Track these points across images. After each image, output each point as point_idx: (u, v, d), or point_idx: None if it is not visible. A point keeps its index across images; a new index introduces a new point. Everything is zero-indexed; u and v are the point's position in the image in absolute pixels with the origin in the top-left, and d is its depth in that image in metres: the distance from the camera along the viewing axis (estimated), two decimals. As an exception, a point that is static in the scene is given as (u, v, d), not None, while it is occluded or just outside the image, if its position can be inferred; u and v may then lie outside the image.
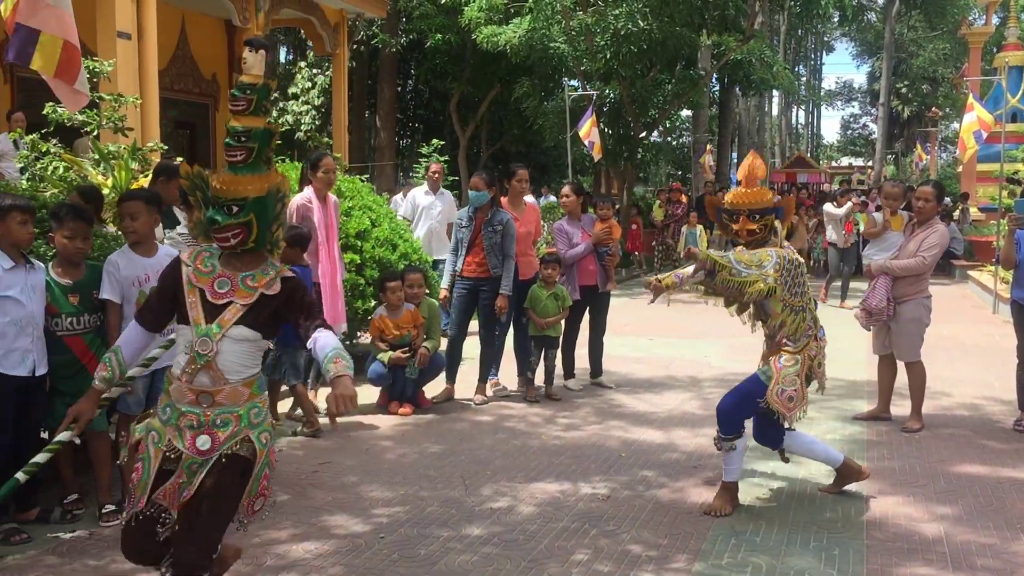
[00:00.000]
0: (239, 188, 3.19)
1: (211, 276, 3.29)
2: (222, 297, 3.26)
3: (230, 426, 3.25)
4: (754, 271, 4.65)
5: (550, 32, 18.45)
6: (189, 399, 3.23)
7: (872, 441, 6.38)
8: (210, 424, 3.23)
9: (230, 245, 3.24)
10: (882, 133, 40.35)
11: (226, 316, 3.24)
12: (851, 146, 63.23)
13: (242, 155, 3.22)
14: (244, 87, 3.25)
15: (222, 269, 3.30)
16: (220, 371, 3.23)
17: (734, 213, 4.92)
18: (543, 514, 4.88)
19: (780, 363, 4.82)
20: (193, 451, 3.22)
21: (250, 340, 3.27)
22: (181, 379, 3.24)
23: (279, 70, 27.71)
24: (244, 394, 3.28)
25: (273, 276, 3.32)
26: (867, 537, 4.59)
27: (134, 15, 10.20)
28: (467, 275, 7.34)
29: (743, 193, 4.93)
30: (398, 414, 7.02)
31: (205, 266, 3.31)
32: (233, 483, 3.28)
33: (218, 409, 3.23)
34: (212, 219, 3.20)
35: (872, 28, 47.39)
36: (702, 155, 25.14)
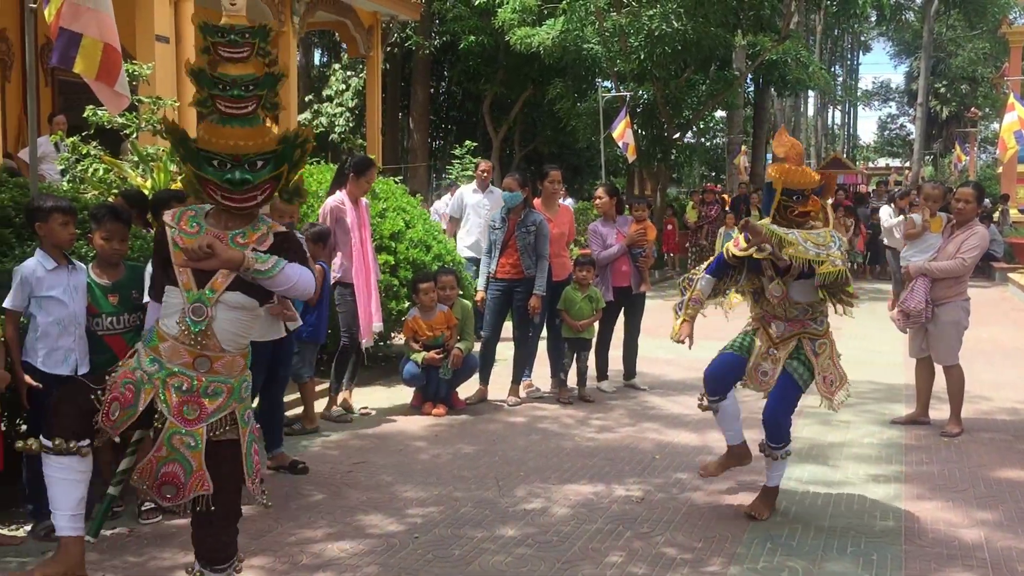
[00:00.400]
0: (263, 141, 2.96)
1: (197, 236, 3.05)
2: None
3: (220, 396, 3.08)
4: (823, 251, 4.49)
5: (583, 33, 18.43)
6: (184, 360, 3.04)
7: (911, 445, 6.30)
8: (201, 392, 3.04)
9: (255, 204, 3.05)
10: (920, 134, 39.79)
11: (218, 279, 3.06)
12: (888, 147, 62.54)
13: (252, 106, 2.96)
14: (241, 31, 2.96)
15: (209, 228, 3.09)
16: (217, 340, 3.05)
17: (798, 194, 4.60)
18: (577, 516, 4.87)
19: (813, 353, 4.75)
20: (179, 419, 3.04)
21: (246, 308, 3.10)
22: (178, 338, 3.06)
23: (313, 72, 27.94)
24: (239, 365, 3.13)
25: (264, 231, 3.10)
26: (905, 542, 4.53)
27: (172, 19, 10.36)
28: (501, 276, 7.35)
29: (801, 172, 4.61)
30: (432, 415, 7.04)
31: (191, 226, 3.09)
32: (231, 471, 3.14)
33: (212, 376, 3.06)
34: (242, 179, 2.95)
35: (910, 27, 46.81)
36: (736, 156, 24.99)
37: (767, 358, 4.79)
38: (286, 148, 3.01)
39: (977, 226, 6.67)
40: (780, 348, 4.78)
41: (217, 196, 3.02)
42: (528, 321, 7.42)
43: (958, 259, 6.50)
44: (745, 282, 4.94)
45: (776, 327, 4.79)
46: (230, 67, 2.92)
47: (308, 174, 8.73)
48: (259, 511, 4.89)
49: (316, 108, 24.76)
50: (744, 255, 4.73)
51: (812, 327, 4.77)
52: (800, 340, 4.77)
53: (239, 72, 2.91)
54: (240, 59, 2.94)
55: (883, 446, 6.28)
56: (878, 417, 7.05)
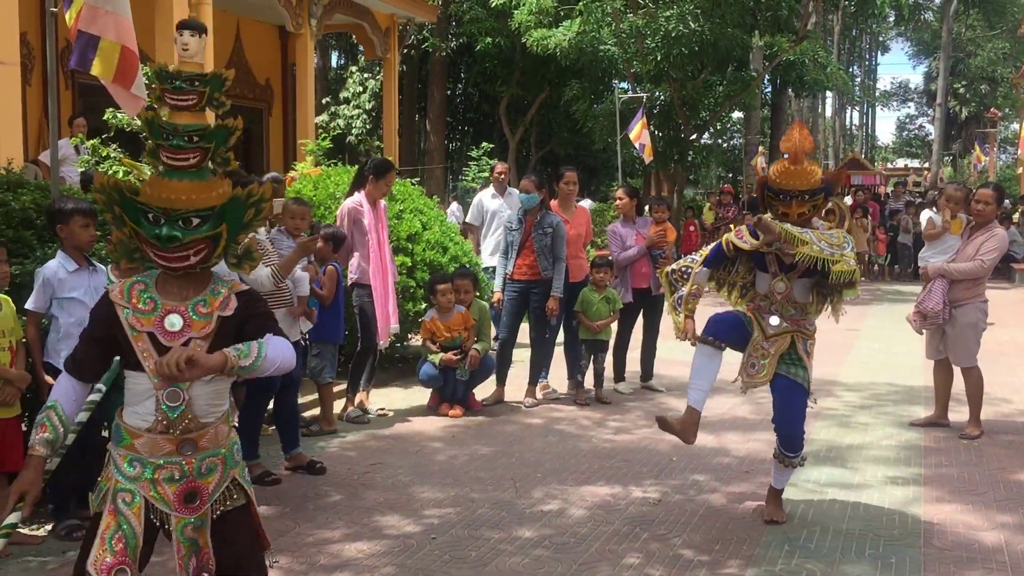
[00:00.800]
0: (203, 196, 2.67)
1: (155, 314, 2.75)
2: (177, 337, 2.73)
3: (216, 472, 2.81)
4: (836, 251, 4.39)
5: (600, 35, 18.41)
6: (167, 450, 2.75)
7: (929, 448, 6.27)
8: (195, 474, 2.77)
9: (188, 264, 2.71)
10: (939, 134, 39.58)
11: None
12: (907, 147, 62.12)
13: (195, 158, 2.70)
14: (191, 78, 2.74)
15: (165, 301, 2.77)
16: (197, 417, 2.78)
17: (784, 194, 4.46)
18: (594, 517, 4.87)
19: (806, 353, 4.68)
20: (182, 510, 2.76)
21: (222, 377, 2.76)
22: (154, 430, 2.75)
23: (330, 75, 28.05)
24: (224, 431, 2.85)
25: (226, 294, 2.80)
26: (924, 545, 4.51)
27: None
28: (518, 278, 7.35)
29: (792, 172, 4.45)
30: (448, 416, 7.05)
31: (144, 303, 2.76)
32: (250, 535, 2.90)
33: (201, 454, 2.78)
34: (171, 236, 2.64)
35: (929, 27, 46.54)
36: (754, 157, 24.89)
37: (758, 351, 4.67)
38: (231, 207, 2.72)
39: (996, 228, 6.63)
40: (772, 344, 4.66)
41: (150, 253, 2.73)
42: (545, 322, 7.42)
43: (977, 260, 6.46)
44: (737, 275, 4.91)
45: (772, 321, 4.67)
46: (178, 116, 2.71)
47: (326, 175, 8.78)
48: (276, 511, 4.92)
49: (333, 110, 24.86)
50: (751, 249, 4.63)
51: (805, 326, 4.69)
52: (793, 338, 4.66)
53: (185, 121, 2.70)
54: (186, 107, 2.71)
55: (901, 448, 6.24)
56: (896, 419, 7.01)
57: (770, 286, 4.65)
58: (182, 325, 2.73)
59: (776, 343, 4.66)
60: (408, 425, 6.84)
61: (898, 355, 9.54)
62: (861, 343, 10.58)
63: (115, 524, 2.73)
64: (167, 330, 2.72)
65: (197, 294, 2.78)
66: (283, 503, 5.06)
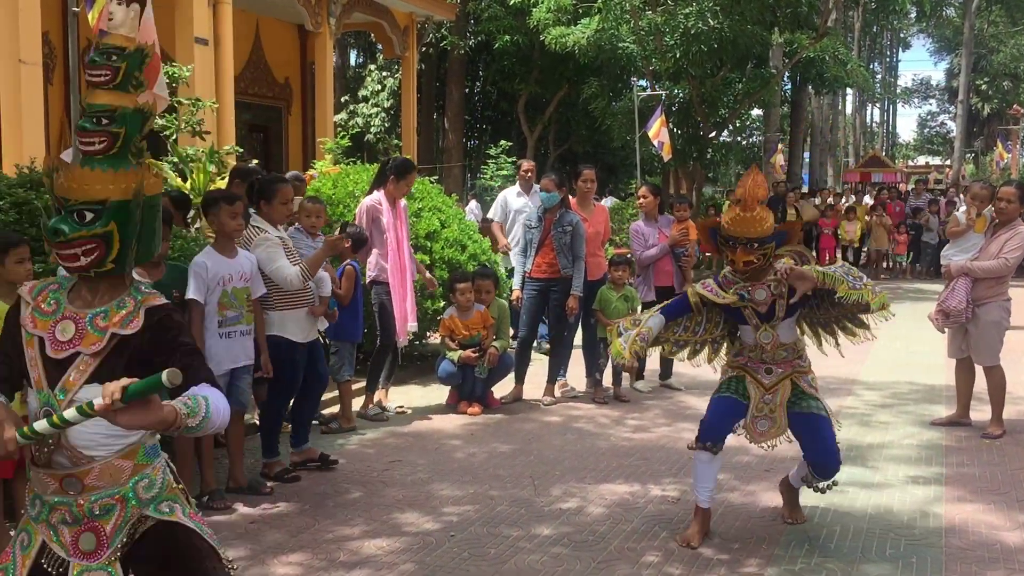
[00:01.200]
0: (95, 187, 2.35)
1: (53, 318, 2.40)
2: (64, 348, 2.37)
3: (114, 513, 2.41)
4: (858, 282, 4.31)
5: (619, 32, 18.38)
6: (53, 487, 2.39)
7: (951, 447, 6.22)
8: (87, 515, 2.38)
9: (78, 266, 2.36)
10: (961, 131, 39.22)
11: (71, 376, 2.36)
12: (928, 145, 61.67)
13: (103, 143, 2.37)
14: (107, 51, 2.41)
15: (68, 307, 2.42)
16: (76, 449, 2.37)
17: (732, 240, 4.27)
18: (613, 515, 4.87)
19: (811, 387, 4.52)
20: (78, 556, 2.39)
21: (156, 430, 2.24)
22: (36, 461, 2.41)
23: (349, 73, 28.13)
24: (125, 469, 2.42)
25: (132, 308, 2.40)
26: (946, 545, 4.48)
27: (211, 21, 10.47)
28: (537, 276, 7.36)
29: (743, 219, 4.23)
30: (467, 413, 7.06)
31: (48, 304, 2.43)
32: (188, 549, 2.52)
33: (93, 495, 2.38)
34: (55, 229, 2.33)
35: (951, 24, 46.17)
36: (773, 155, 24.76)
37: (763, 408, 4.46)
38: (122, 202, 2.36)
39: (1020, 226, 6.56)
40: (773, 394, 4.45)
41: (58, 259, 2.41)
42: (564, 321, 7.42)
43: (1000, 259, 6.41)
44: (707, 332, 4.65)
45: (766, 373, 4.47)
46: (95, 95, 2.40)
47: (345, 174, 8.81)
48: (296, 508, 4.95)
49: (352, 108, 24.92)
50: (724, 303, 4.42)
51: (799, 364, 4.51)
52: (792, 381, 4.48)
53: (94, 100, 2.38)
54: (100, 83, 2.39)
55: (923, 448, 6.20)
56: (918, 418, 6.96)
57: (756, 339, 4.44)
58: (72, 335, 2.37)
59: (778, 392, 4.45)
60: (427, 423, 6.85)
61: (919, 354, 9.47)
62: (882, 342, 10.42)
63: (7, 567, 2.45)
64: (56, 338, 2.37)
65: (103, 303, 2.42)
66: (302, 500, 5.09)
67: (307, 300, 5.52)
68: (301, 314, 5.48)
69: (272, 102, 15.78)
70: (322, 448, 5.87)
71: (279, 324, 5.39)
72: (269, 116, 15.92)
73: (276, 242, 5.34)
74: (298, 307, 5.45)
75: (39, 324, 2.40)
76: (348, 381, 6.65)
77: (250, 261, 5.15)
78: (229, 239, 5.05)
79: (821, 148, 35.27)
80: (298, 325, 5.46)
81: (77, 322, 2.38)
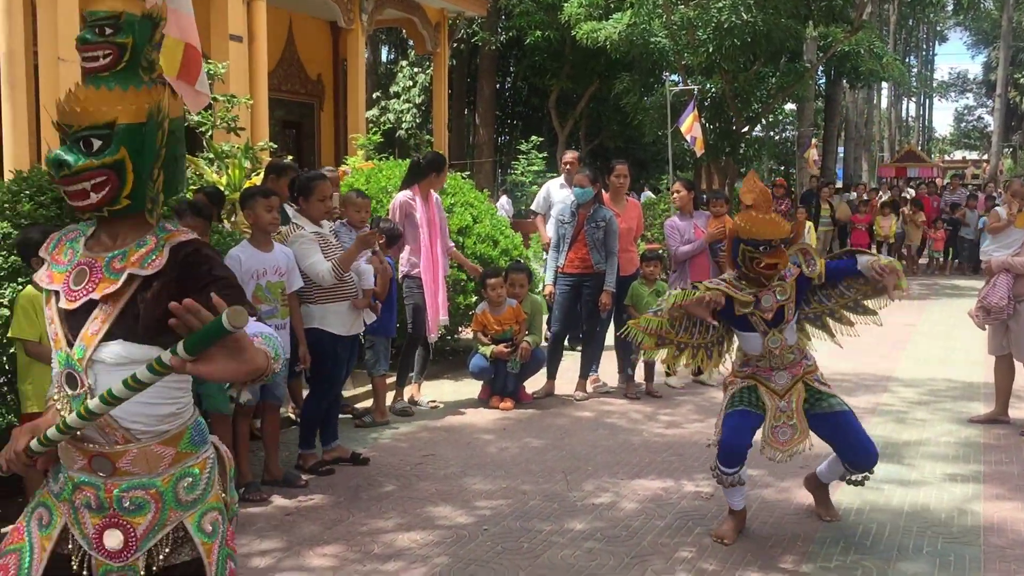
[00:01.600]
0: (101, 109, 2.00)
1: (68, 268, 2.11)
2: (77, 296, 2.05)
3: (148, 511, 2.08)
4: None
5: (651, 27, 18.28)
6: (80, 463, 2.08)
7: (989, 445, 6.14)
8: (115, 506, 2.06)
9: (89, 204, 2.04)
10: (998, 125, 38.62)
11: (89, 329, 2.03)
12: (965, 139, 60.86)
13: (108, 56, 2.02)
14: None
15: (85, 253, 2.11)
16: (115, 423, 2.05)
17: (765, 245, 4.15)
18: (646, 511, 4.86)
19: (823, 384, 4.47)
20: (102, 552, 2.08)
21: (144, 361, 1.87)
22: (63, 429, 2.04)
23: (380, 69, 28.24)
24: (165, 456, 2.09)
25: (152, 245, 2.07)
26: (984, 543, 4.42)
27: (245, 18, 10.55)
28: (570, 271, 7.35)
29: (767, 221, 4.18)
30: (499, 408, 7.08)
31: (65, 254, 2.14)
32: None
33: (124, 482, 2.06)
34: (58, 161, 2.00)
35: (988, 16, 45.46)
36: (807, 150, 24.54)
37: (781, 417, 4.37)
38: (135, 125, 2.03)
39: (1062, 220, 6.47)
40: (788, 400, 4.38)
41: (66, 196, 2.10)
42: (596, 316, 7.41)
43: (1041, 254, 6.32)
44: (701, 336, 4.52)
45: (778, 379, 4.40)
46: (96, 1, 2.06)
47: (377, 170, 8.85)
48: (331, 501, 4.99)
49: (383, 105, 25.02)
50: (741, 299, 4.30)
51: (807, 364, 4.46)
52: (804, 382, 4.41)
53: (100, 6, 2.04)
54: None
55: (961, 445, 6.12)
56: (955, 415, 6.88)
57: (765, 346, 4.36)
58: (87, 280, 2.05)
59: (792, 397, 4.39)
60: (459, 417, 6.87)
61: (956, 350, 9.36)
62: (918, 338, 10.39)
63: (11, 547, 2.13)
64: (71, 288, 2.07)
65: (123, 245, 2.09)
66: (337, 493, 5.13)
67: (349, 294, 5.56)
68: (343, 307, 5.53)
69: (305, 98, 15.88)
70: (355, 442, 5.91)
71: (320, 318, 5.44)
72: (302, 112, 16.02)
73: (311, 238, 5.38)
74: (340, 301, 5.50)
75: (55, 278, 2.10)
76: (383, 375, 6.68)
77: (286, 255, 5.20)
78: (265, 233, 5.10)
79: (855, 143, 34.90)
80: (340, 318, 5.51)
81: (92, 267, 2.06)
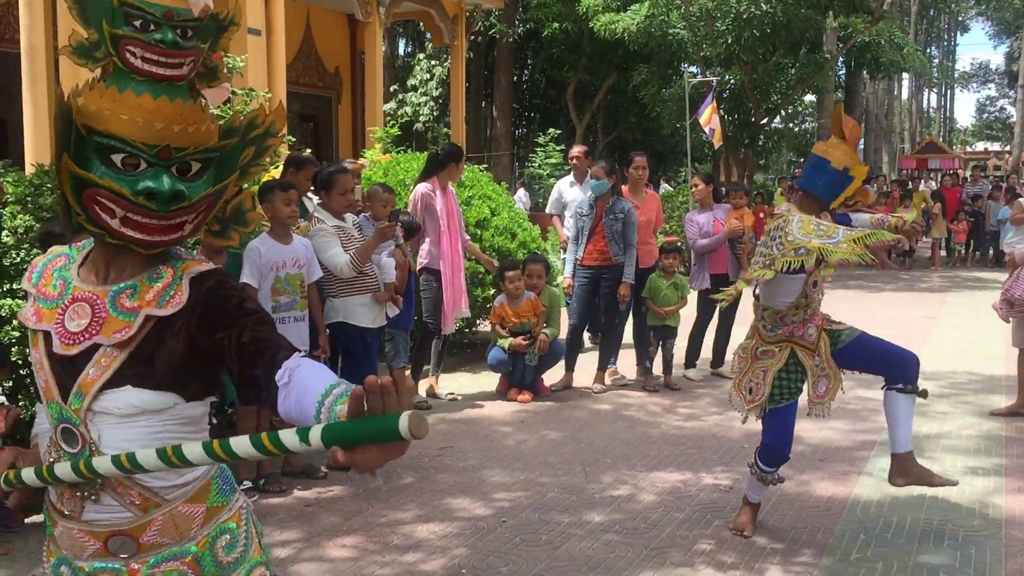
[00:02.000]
0: (203, 130, 1.71)
1: (60, 304, 1.74)
2: (77, 340, 1.70)
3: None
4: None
5: (669, 18, 18.23)
6: (91, 549, 1.72)
7: (1011, 438, 6.09)
8: None
9: (178, 238, 1.73)
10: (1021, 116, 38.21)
11: (89, 373, 1.68)
12: (987, 130, 60.34)
13: (189, 65, 1.72)
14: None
15: (79, 285, 1.75)
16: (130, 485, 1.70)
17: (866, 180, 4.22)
18: (664, 503, 4.85)
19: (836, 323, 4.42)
20: None
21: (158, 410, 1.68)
22: (64, 509, 1.72)
23: (398, 62, 28.26)
24: (195, 516, 1.76)
25: (170, 279, 1.73)
26: (1006, 537, 4.39)
27: (264, 12, 10.59)
28: (588, 264, 7.33)
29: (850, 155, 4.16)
30: (517, 401, 7.08)
31: (54, 286, 1.77)
32: None
33: (152, 556, 1.72)
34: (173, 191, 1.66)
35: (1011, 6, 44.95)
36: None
37: (816, 371, 4.27)
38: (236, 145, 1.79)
39: (1085, 211, 6.40)
40: (818, 354, 4.27)
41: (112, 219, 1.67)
42: (615, 308, 7.39)
43: (1063, 245, 6.26)
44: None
45: (808, 333, 4.26)
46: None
47: (395, 163, 8.86)
48: (350, 492, 5.01)
49: (401, 98, 25.06)
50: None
51: (821, 312, 4.36)
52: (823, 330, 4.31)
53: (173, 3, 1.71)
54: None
55: (982, 438, 6.08)
56: (976, 408, 6.83)
57: (807, 287, 4.17)
58: (88, 320, 1.70)
59: (821, 347, 4.28)
60: (477, 410, 6.89)
61: (978, 343, 9.28)
62: (939, 330, 10.32)
63: None
64: (66, 328, 1.71)
65: (131, 276, 1.74)
66: (356, 484, 5.15)
67: (370, 287, 5.59)
68: (366, 300, 5.57)
69: (322, 91, 15.93)
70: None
71: (344, 311, 5.50)
72: (319, 105, 16.07)
73: (330, 231, 5.42)
74: (362, 294, 5.55)
75: (44, 315, 1.75)
76: (402, 368, 6.70)
77: (305, 247, 5.23)
78: (284, 226, 5.13)
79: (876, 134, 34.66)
80: (363, 311, 5.56)
81: (93, 303, 1.72)
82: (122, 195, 1.64)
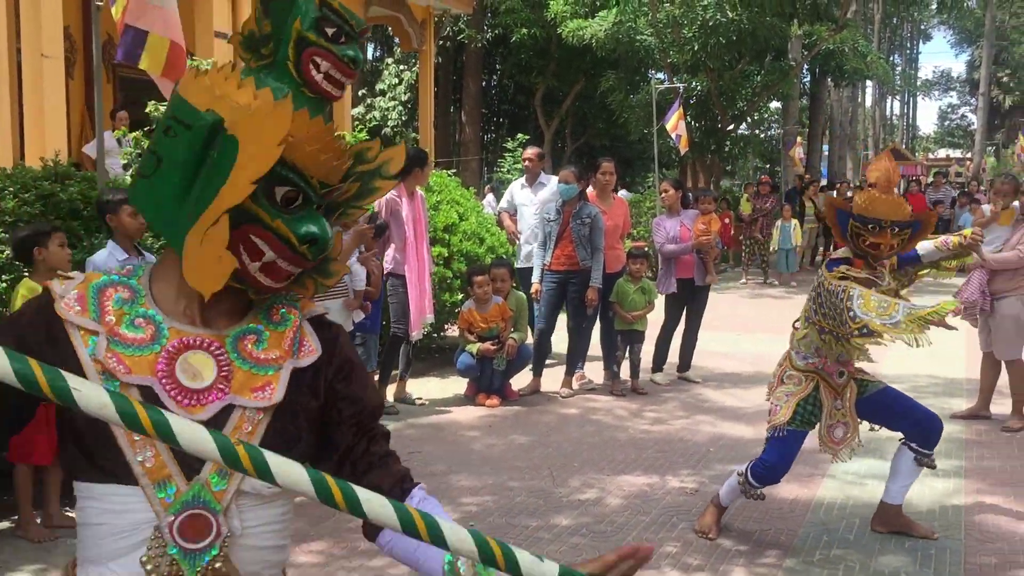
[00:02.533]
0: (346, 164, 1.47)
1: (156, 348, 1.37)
2: (204, 399, 1.38)
3: None
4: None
5: (636, 25, 18.37)
6: None
7: (971, 440, 6.21)
8: None
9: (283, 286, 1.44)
10: (982, 124, 38.91)
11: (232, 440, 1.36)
12: (949, 137, 61.25)
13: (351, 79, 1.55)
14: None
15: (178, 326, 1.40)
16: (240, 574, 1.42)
17: (876, 224, 4.00)
18: (631, 506, 4.89)
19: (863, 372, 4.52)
20: None
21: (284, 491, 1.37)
22: None
23: (366, 67, 28.19)
24: None
25: (296, 322, 1.48)
26: (965, 538, 4.48)
27: (230, 15, 10.53)
28: (556, 268, 7.37)
29: (886, 201, 4.02)
30: (485, 405, 7.10)
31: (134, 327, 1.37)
32: None
33: None
34: (328, 238, 1.42)
35: (972, 15, 45.75)
36: (792, 147, 24.67)
37: (836, 415, 4.30)
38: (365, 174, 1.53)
39: (1043, 218, 6.53)
40: (842, 398, 4.31)
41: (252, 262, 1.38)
42: (582, 313, 7.44)
43: (1016, 250, 6.39)
44: None
45: (838, 376, 4.30)
46: None
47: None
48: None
49: (369, 102, 25.00)
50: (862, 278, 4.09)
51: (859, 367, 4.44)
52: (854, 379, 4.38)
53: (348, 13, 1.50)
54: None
55: (943, 440, 6.08)
56: (937, 411, 6.84)
57: None
58: (214, 376, 1.39)
59: (847, 394, 4.32)
60: (445, 414, 6.89)
61: (939, 347, 9.40)
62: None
63: None
64: (183, 385, 1.37)
65: (235, 321, 1.45)
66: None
67: (340, 293, 5.59)
68: (336, 305, 5.57)
69: (291, 96, 15.84)
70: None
71: None
72: (288, 110, 15.98)
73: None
74: (332, 300, 5.55)
75: (135, 365, 1.34)
76: (372, 372, 6.70)
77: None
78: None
79: (840, 141, 35.07)
80: (334, 316, 5.53)
81: (209, 348, 1.39)
82: (288, 240, 1.37)
